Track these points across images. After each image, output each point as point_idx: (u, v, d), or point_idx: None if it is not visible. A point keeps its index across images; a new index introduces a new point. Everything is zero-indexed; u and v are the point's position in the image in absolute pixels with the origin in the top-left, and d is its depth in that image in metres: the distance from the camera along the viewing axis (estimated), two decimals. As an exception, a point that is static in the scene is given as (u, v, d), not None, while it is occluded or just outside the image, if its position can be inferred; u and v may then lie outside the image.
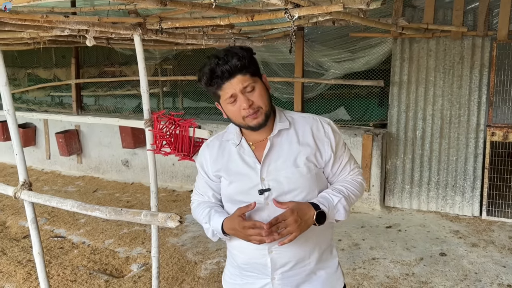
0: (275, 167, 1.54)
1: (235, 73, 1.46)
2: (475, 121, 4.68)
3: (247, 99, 1.47)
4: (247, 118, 1.50)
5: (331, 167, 1.61)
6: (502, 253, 3.90)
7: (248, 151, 1.58)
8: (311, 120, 1.61)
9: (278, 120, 1.58)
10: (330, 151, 1.58)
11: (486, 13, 4.44)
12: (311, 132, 1.58)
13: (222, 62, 1.45)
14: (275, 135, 1.56)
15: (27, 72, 8.68)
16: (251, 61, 1.49)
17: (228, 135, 1.66)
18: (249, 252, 1.59)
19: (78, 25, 2.62)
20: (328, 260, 1.65)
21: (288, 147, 1.56)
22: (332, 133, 1.59)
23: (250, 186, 1.55)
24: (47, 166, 7.76)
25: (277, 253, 1.55)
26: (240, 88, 1.47)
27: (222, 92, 1.49)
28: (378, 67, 5.30)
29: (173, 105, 7.41)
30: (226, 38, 4.29)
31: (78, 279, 3.64)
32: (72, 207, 2.03)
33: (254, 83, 1.49)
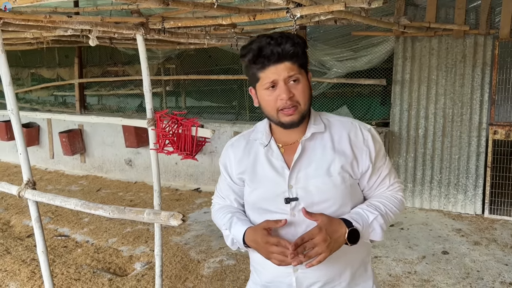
0: (305, 174, 1.39)
1: (285, 58, 1.32)
2: (477, 120, 4.67)
3: (288, 89, 1.33)
4: (281, 112, 1.35)
5: (368, 179, 1.45)
6: (505, 251, 3.90)
7: (277, 153, 1.43)
8: (349, 125, 1.45)
9: (312, 122, 1.43)
10: (368, 161, 1.42)
11: (488, 11, 4.43)
12: (349, 138, 1.42)
13: (275, 43, 1.31)
14: (308, 139, 1.41)
15: (30, 72, 8.73)
16: (303, 52, 1.36)
17: (256, 134, 1.50)
18: (273, 269, 1.43)
19: (81, 25, 2.64)
20: (362, 280, 1.49)
21: (322, 152, 1.41)
22: (372, 142, 1.43)
23: (276, 193, 1.40)
24: (51, 165, 7.80)
25: (303, 272, 1.40)
26: (284, 76, 1.32)
27: (263, 75, 1.34)
28: (380, 66, 5.31)
29: (176, 104, 7.44)
30: (228, 38, 4.30)
31: (82, 278, 3.66)
32: (75, 206, 2.05)
33: (300, 75, 1.35)
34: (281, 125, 1.39)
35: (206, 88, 6.97)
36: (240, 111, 6.65)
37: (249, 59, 1.35)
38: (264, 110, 1.41)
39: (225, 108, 6.89)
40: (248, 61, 1.35)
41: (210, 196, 5.89)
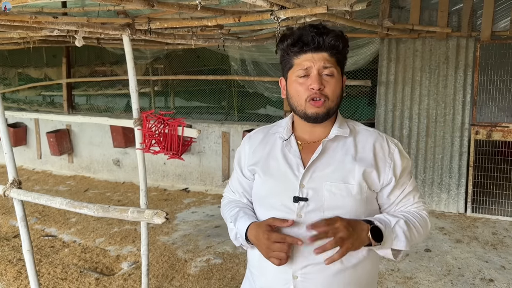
0: (321, 175, 1.31)
1: (324, 49, 1.29)
2: (460, 120, 4.77)
3: (320, 80, 1.29)
4: (308, 103, 1.30)
5: (389, 194, 1.36)
6: (485, 249, 3.99)
7: (295, 150, 1.37)
8: (376, 135, 1.39)
9: (337, 124, 1.38)
10: (391, 174, 1.34)
11: (470, 14, 4.53)
12: (373, 148, 1.35)
13: (317, 32, 1.29)
14: (331, 140, 1.36)
15: (17, 72, 8.67)
16: (343, 49, 1.33)
17: (277, 128, 1.45)
18: (270, 275, 1.36)
19: (67, 26, 2.66)
20: None
21: (342, 157, 1.34)
22: (399, 156, 1.36)
23: (285, 190, 1.33)
24: (38, 165, 7.76)
25: (303, 281, 1.30)
26: (320, 65, 1.29)
27: (298, 61, 1.31)
28: (366, 67, 5.39)
29: (165, 104, 7.45)
30: (215, 38, 4.34)
31: (69, 277, 3.67)
32: (61, 204, 2.08)
33: (335, 70, 1.31)
34: (306, 117, 1.33)
35: (195, 88, 7.00)
36: (229, 111, 6.69)
37: (288, 43, 1.32)
38: (291, 100, 1.36)
39: (214, 108, 6.93)
40: (286, 45, 1.33)
41: (198, 196, 5.92)
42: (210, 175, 6.16)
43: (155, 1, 2.33)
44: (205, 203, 5.62)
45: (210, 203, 5.61)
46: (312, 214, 1.29)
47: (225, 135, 5.97)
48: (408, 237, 1.30)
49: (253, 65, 6.08)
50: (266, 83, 5.94)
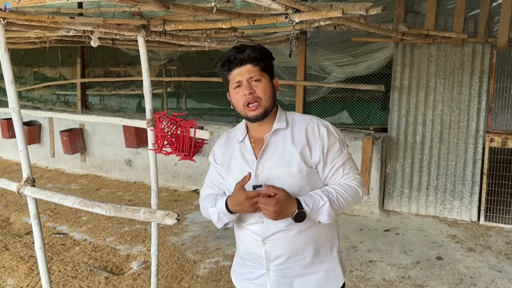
0: (269, 165, 1.63)
1: (246, 62, 1.60)
2: (474, 127, 4.71)
3: (250, 86, 1.60)
4: (247, 108, 1.61)
5: (323, 169, 1.65)
6: (498, 258, 3.93)
7: (249, 148, 1.68)
8: (308, 120, 1.68)
9: (276, 120, 1.68)
10: (320, 152, 1.63)
11: (487, 20, 4.48)
12: (306, 132, 1.65)
13: (238, 51, 1.61)
14: (272, 134, 1.66)
15: (33, 71, 8.79)
16: (264, 58, 1.63)
17: (235, 132, 1.77)
18: (246, 242, 1.70)
19: (83, 26, 2.68)
20: (326, 258, 1.69)
21: (282, 146, 1.64)
22: (326, 136, 1.64)
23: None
24: (51, 163, 7.85)
25: (271, 245, 1.63)
26: (247, 77, 1.60)
27: (231, 76, 1.63)
28: (380, 72, 5.35)
29: (177, 105, 7.48)
30: (229, 41, 4.35)
31: (79, 275, 3.70)
32: (73, 203, 2.09)
33: (261, 76, 1.62)
34: (248, 119, 1.65)
35: (207, 90, 7.02)
36: (240, 114, 6.68)
37: (220, 65, 1.65)
38: (235, 109, 1.67)
39: (226, 110, 6.94)
40: (219, 68, 1.66)
41: (208, 198, 5.92)
42: (220, 177, 6.16)
43: (171, 3, 2.34)
44: (215, 205, 5.63)
45: (220, 205, 5.61)
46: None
47: (237, 138, 5.96)
48: (332, 214, 1.58)
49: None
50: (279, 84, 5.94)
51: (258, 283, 1.69)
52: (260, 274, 1.68)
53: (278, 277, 1.65)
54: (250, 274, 1.72)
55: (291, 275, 1.65)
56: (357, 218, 4.97)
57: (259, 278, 1.69)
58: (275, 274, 1.65)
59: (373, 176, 5.05)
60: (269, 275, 1.66)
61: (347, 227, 4.64)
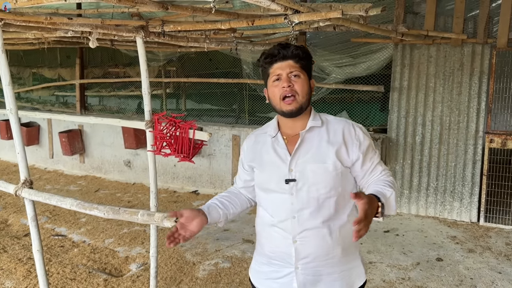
0: (303, 160, 1.66)
1: (289, 58, 1.66)
2: (474, 128, 4.70)
3: (289, 80, 1.65)
4: (283, 102, 1.65)
5: (361, 166, 1.69)
6: (498, 259, 3.92)
7: (282, 143, 1.72)
8: (344, 122, 1.74)
9: (311, 118, 1.72)
10: (358, 152, 1.68)
11: (486, 21, 4.47)
12: (342, 132, 1.70)
13: (281, 47, 1.68)
14: (307, 131, 1.70)
15: (32, 72, 8.77)
16: (305, 57, 1.69)
17: (266, 128, 1.81)
18: (275, 241, 1.70)
19: (81, 27, 2.67)
20: (351, 258, 1.73)
21: (318, 143, 1.68)
22: (362, 136, 1.71)
23: (279, 176, 1.67)
24: (50, 165, 7.82)
25: (301, 243, 1.64)
26: (287, 71, 1.65)
27: (272, 70, 1.68)
28: (379, 73, 5.34)
29: (177, 106, 7.47)
30: (228, 42, 4.34)
31: (78, 278, 3.68)
32: (71, 205, 2.08)
33: (300, 73, 1.67)
34: (283, 113, 1.68)
35: (207, 91, 7.01)
36: (240, 115, 6.68)
37: (262, 59, 1.71)
38: (271, 102, 1.71)
39: (225, 111, 6.92)
40: (261, 61, 1.71)
41: (207, 199, 5.86)
42: (220, 178, 6.15)
43: (169, 4, 2.33)
44: (215, 206, 5.61)
45: (220, 206, 5.59)
46: (301, 191, 1.64)
47: (236, 138, 5.96)
48: (395, 205, 1.60)
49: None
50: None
51: (284, 281, 1.70)
52: (288, 273, 1.68)
53: (305, 276, 1.66)
54: (276, 273, 1.72)
55: (318, 274, 1.67)
56: (357, 219, 4.95)
57: (285, 277, 1.69)
58: (303, 273, 1.66)
59: (372, 177, 5.03)
60: (297, 274, 1.66)
61: (347, 228, 4.62)
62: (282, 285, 1.70)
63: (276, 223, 1.68)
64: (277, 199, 1.68)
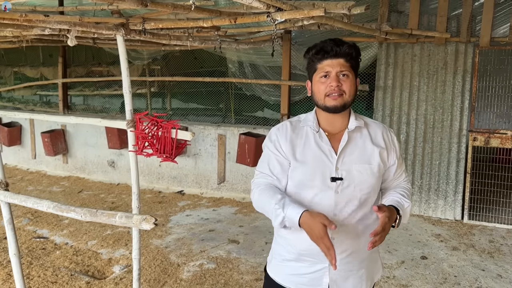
0: (350, 159, 1.66)
1: (341, 56, 1.62)
2: (458, 126, 4.73)
3: (338, 79, 1.62)
4: (327, 97, 1.63)
5: (395, 171, 1.77)
6: (482, 257, 3.94)
7: (325, 139, 1.69)
8: (382, 126, 1.78)
9: (353, 118, 1.72)
10: (395, 157, 1.75)
11: (469, 20, 4.50)
12: (383, 136, 1.74)
13: (335, 43, 1.63)
14: (352, 130, 1.70)
15: (13, 71, 8.61)
16: (356, 57, 1.66)
17: (305, 121, 1.76)
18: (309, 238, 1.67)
19: (59, 25, 2.60)
20: (374, 252, 1.79)
21: (363, 144, 1.70)
22: (397, 143, 1.77)
23: (323, 172, 1.64)
24: (33, 165, 7.68)
25: (338, 241, 1.65)
26: (337, 69, 1.62)
27: (321, 66, 1.64)
28: (364, 71, 5.35)
29: (162, 106, 7.39)
30: (212, 40, 4.29)
31: (59, 281, 3.61)
32: (48, 208, 2.02)
33: (350, 73, 1.64)
34: (326, 108, 1.66)
35: (192, 90, 6.95)
36: (226, 114, 6.64)
37: (313, 53, 1.66)
38: (315, 97, 1.70)
39: (211, 110, 6.88)
40: (312, 54, 1.66)
41: (193, 199, 5.86)
42: (205, 178, 6.10)
43: (149, 1, 2.28)
44: (200, 206, 5.57)
45: (205, 206, 5.55)
46: (346, 190, 1.64)
47: (222, 138, 5.92)
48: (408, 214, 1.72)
49: (251, 67, 6.03)
50: (263, 86, 5.89)
51: (314, 277, 1.70)
52: (320, 268, 1.68)
53: (338, 271, 1.67)
54: (306, 269, 1.71)
55: (349, 269, 1.69)
56: (343, 218, 4.95)
57: (316, 272, 1.69)
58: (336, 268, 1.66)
59: (358, 176, 5.04)
60: (330, 270, 1.67)
61: (333, 227, 4.62)
62: (311, 280, 1.70)
63: None
64: (319, 196, 1.65)
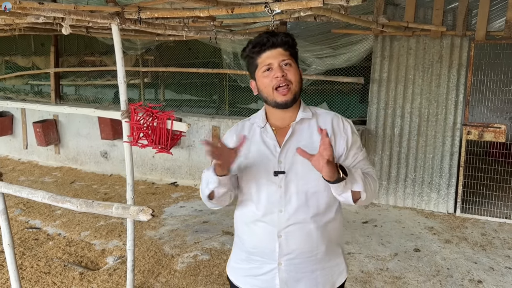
0: (293, 152, 1.60)
1: (278, 45, 1.59)
2: (452, 120, 4.75)
3: (282, 69, 1.58)
4: (276, 92, 1.58)
5: (344, 160, 1.65)
6: (474, 250, 3.98)
7: (271, 134, 1.66)
8: (333, 115, 1.71)
9: (301, 110, 1.67)
10: (344, 145, 1.64)
11: (465, 13, 4.50)
12: (331, 124, 1.67)
13: (270, 34, 1.60)
14: (298, 122, 1.65)
15: (4, 59, 8.48)
16: (294, 45, 1.63)
17: (254, 119, 1.74)
18: (258, 236, 1.65)
19: (53, 13, 2.56)
20: (333, 255, 1.70)
21: (308, 135, 1.64)
22: (350, 131, 1.67)
23: (267, 167, 1.62)
24: (24, 156, 7.61)
25: (286, 238, 1.60)
26: (279, 60, 1.58)
27: (261, 60, 1.60)
28: (359, 64, 5.33)
29: (155, 96, 7.33)
30: (207, 30, 4.25)
31: (52, 271, 3.59)
32: (43, 198, 2.00)
33: (291, 61, 1.61)
34: (276, 104, 1.61)
35: (186, 81, 6.89)
36: (220, 105, 6.60)
37: (249, 48, 1.62)
38: (262, 93, 1.64)
39: (205, 102, 6.83)
40: (249, 50, 1.62)
41: (187, 190, 5.85)
42: (199, 170, 6.08)
43: (146, -11, 2.24)
44: (194, 197, 5.55)
45: (199, 197, 5.52)
46: (290, 184, 1.59)
47: (216, 129, 5.89)
48: (364, 183, 1.55)
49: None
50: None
51: (265, 278, 1.65)
52: (270, 269, 1.64)
53: (288, 272, 1.62)
54: (257, 270, 1.67)
55: (301, 271, 1.63)
56: (336, 210, 4.97)
57: (267, 274, 1.64)
58: (285, 269, 1.62)
59: (352, 169, 5.04)
60: (280, 270, 1.62)
61: (326, 220, 4.64)
62: (263, 282, 1.66)
63: (260, 217, 1.63)
64: (264, 191, 1.62)
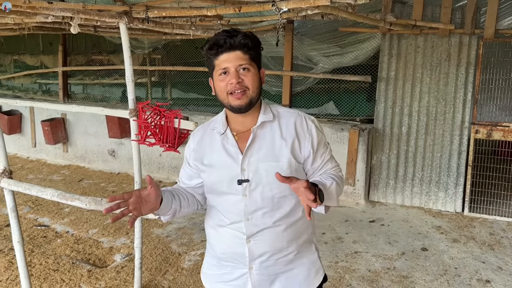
0: (256, 158, 1.54)
1: (236, 48, 1.49)
2: (460, 119, 4.72)
3: (237, 75, 1.49)
4: (231, 96, 1.50)
5: (312, 162, 1.61)
6: (482, 249, 3.96)
7: (232, 141, 1.57)
8: (296, 115, 1.62)
9: (262, 112, 1.58)
10: (310, 147, 1.58)
11: (474, 11, 4.47)
12: (294, 126, 1.58)
13: (228, 34, 1.49)
14: (259, 127, 1.57)
15: (13, 58, 8.55)
16: (255, 46, 1.53)
17: (214, 124, 1.65)
18: (227, 241, 1.60)
19: (62, 12, 2.58)
20: (306, 253, 1.66)
21: (271, 139, 1.56)
22: (315, 131, 1.60)
23: (230, 176, 1.55)
24: (33, 154, 7.67)
25: (255, 242, 1.56)
26: (235, 64, 1.49)
27: (218, 62, 1.51)
28: (367, 63, 5.31)
29: (162, 95, 7.36)
30: (214, 29, 4.25)
31: (61, 268, 3.62)
32: (52, 196, 2.02)
33: (250, 65, 1.51)
34: (231, 108, 1.53)
35: (193, 80, 6.91)
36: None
37: (206, 48, 1.52)
38: (217, 96, 1.55)
39: (212, 100, 6.84)
40: (205, 50, 1.53)
41: (193, 189, 5.86)
42: (206, 168, 6.09)
43: (154, -12, 2.25)
44: (201, 196, 5.57)
45: (206, 196, 5.56)
46: (254, 192, 1.53)
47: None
48: (337, 193, 1.55)
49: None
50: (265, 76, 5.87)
51: (237, 284, 1.62)
52: (241, 274, 1.61)
53: (260, 276, 1.59)
54: (228, 276, 1.64)
55: (274, 273, 1.60)
56: (343, 209, 4.97)
57: (239, 279, 1.61)
58: (257, 273, 1.59)
59: (359, 167, 5.04)
60: (251, 274, 1.59)
61: (333, 218, 4.63)
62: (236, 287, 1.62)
63: (228, 224, 1.59)
64: (229, 201, 1.56)
